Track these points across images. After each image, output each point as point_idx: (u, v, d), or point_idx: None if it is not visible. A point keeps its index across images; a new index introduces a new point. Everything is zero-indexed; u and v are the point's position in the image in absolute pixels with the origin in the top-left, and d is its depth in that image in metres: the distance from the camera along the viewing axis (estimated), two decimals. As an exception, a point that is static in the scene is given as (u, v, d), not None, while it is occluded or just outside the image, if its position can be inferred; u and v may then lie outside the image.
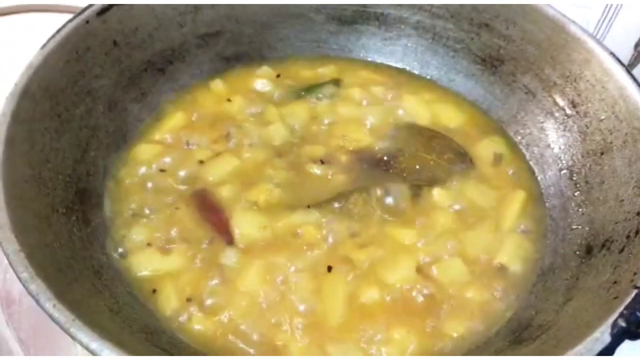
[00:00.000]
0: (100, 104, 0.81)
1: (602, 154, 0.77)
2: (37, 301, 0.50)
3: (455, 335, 0.68)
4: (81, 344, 0.48)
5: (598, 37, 0.99)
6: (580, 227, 0.75)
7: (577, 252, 0.72)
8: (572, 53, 0.84)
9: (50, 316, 0.49)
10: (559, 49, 0.86)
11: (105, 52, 0.82)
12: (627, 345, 0.52)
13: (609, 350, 0.49)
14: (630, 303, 0.52)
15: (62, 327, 0.48)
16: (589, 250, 0.70)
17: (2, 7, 1.02)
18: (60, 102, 0.74)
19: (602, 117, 0.79)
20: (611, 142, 0.76)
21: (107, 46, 0.82)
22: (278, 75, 0.97)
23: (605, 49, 0.81)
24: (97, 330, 0.49)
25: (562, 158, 0.84)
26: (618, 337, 0.50)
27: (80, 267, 0.63)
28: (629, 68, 0.80)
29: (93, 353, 0.47)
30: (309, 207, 0.77)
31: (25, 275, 0.51)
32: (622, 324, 0.50)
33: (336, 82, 0.97)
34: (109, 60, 0.83)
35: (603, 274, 0.64)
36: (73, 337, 0.48)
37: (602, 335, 0.51)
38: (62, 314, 0.49)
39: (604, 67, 0.80)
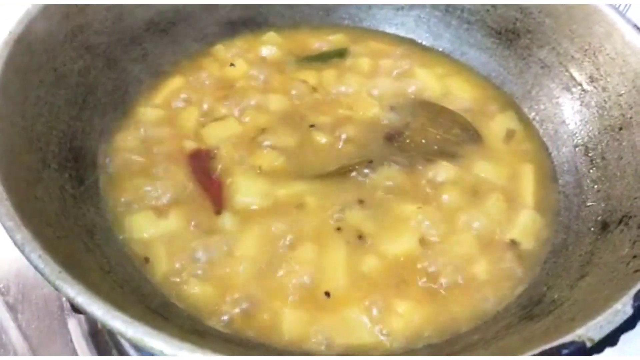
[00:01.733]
0: (99, 62, 0.78)
1: (620, 129, 0.74)
2: (22, 251, 0.47)
3: (461, 308, 0.65)
4: (67, 297, 0.45)
5: (620, 9, 0.95)
6: (595, 203, 0.72)
7: (592, 229, 0.68)
8: (593, 26, 0.80)
9: (36, 267, 0.46)
10: (578, 21, 0.82)
11: (106, 8, 0.79)
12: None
13: (630, 323, 0.46)
14: (653, 276, 0.49)
15: (47, 279, 0.45)
16: (604, 226, 0.67)
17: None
18: (58, 55, 0.71)
19: (622, 92, 0.76)
20: (631, 117, 0.73)
21: (108, 2, 0.79)
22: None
23: (629, 21, 0.77)
24: (85, 284, 0.46)
25: (577, 134, 0.81)
26: None
27: (70, 224, 0.60)
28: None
29: (80, 307, 0.44)
30: (309, 179, 0.74)
31: (11, 224, 0.48)
32: (645, 297, 0.47)
33: (345, 52, 0.94)
34: (110, 16, 0.80)
35: (621, 249, 0.60)
36: (59, 290, 0.45)
37: (624, 306, 0.48)
38: (48, 265, 0.46)
39: (626, 40, 0.76)
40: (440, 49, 0.96)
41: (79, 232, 0.61)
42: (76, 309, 0.69)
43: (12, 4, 0.71)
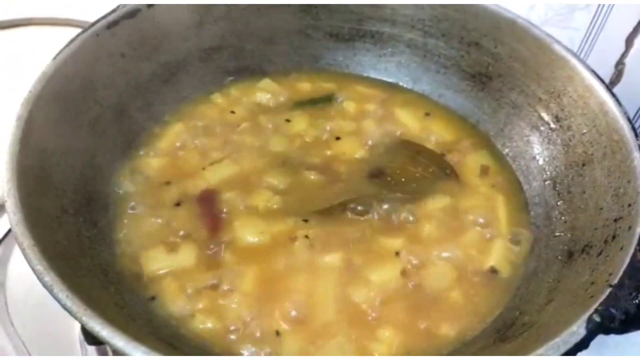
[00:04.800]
0: (108, 112, 0.85)
1: (583, 165, 0.82)
2: (51, 292, 0.53)
3: (442, 333, 0.71)
4: (93, 331, 0.51)
5: (581, 56, 1.04)
6: (562, 233, 0.79)
7: (559, 257, 0.76)
8: (556, 70, 0.89)
9: (64, 306, 0.52)
10: (543, 66, 0.91)
11: (113, 63, 0.87)
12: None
13: (584, 343, 0.53)
14: (604, 300, 0.56)
15: (74, 316, 0.52)
16: (570, 255, 0.74)
17: (15, 19, 1.06)
18: (71, 109, 0.78)
19: (584, 131, 0.84)
20: (592, 154, 0.81)
21: (115, 57, 0.87)
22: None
23: (587, 67, 0.86)
24: (106, 319, 0.52)
25: (546, 169, 0.88)
26: (592, 331, 0.54)
27: (88, 264, 0.66)
28: (610, 86, 0.85)
29: (104, 340, 0.51)
30: (300, 216, 0.81)
31: (40, 268, 0.55)
32: (597, 319, 0.54)
33: (332, 97, 1.02)
34: (116, 70, 0.87)
35: (582, 276, 0.67)
36: (85, 324, 0.51)
37: (578, 329, 0.54)
38: (75, 304, 0.52)
39: (586, 84, 0.85)
40: (420, 91, 1.05)
41: (95, 271, 0.67)
42: (90, 341, 0.76)
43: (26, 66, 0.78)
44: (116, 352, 0.74)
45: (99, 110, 0.84)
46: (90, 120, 0.82)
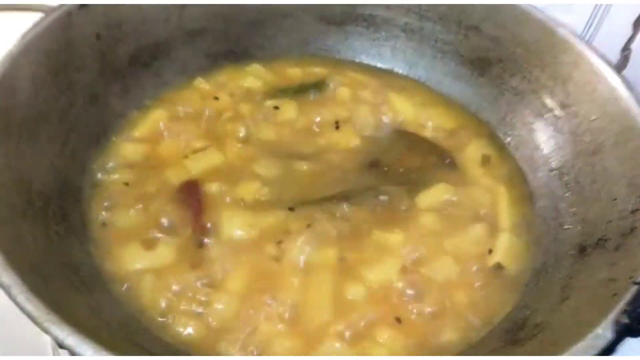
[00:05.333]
0: (81, 98, 0.78)
1: (593, 153, 0.77)
2: (9, 294, 0.47)
3: (445, 335, 0.66)
4: (56, 340, 0.45)
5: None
6: (572, 226, 0.74)
7: (570, 252, 0.70)
8: (561, 55, 0.84)
9: (23, 310, 0.46)
10: (547, 51, 0.86)
11: (88, 45, 0.80)
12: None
13: (611, 347, 0.48)
14: (631, 300, 0.50)
15: (35, 322, 0.45)
16: (582, 249, 0.69)
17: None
18: (40, 93, 0.71)
19: (593, 118, 0.79)
20: (602, 142, 0.76)
21: (90, 39, 0.80)
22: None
23: (595, 50, 0.81)
24: (73, 325, 0.46)
25: (552, 159, 0.83)
26: (621, 334, 0.48)
27: (56, 263, 0.60)
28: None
29: (69, 349, 0.44)
30: (291, 209, 0.75)
31: (-3, 267, 0.48)
32: (625, 320, 0.49)
33: (323, 83, 0.96)
34: (91, 53, 0.80)
35: (599, 272, 0.62)
36: (47, 332, 0.45)
37: (604, 332, 0.49)
38: (36, 308, 0.46)
39: (594, 69, 0.80)
40: (417, 78, 0.99)
41: (65, 270, 0.60)
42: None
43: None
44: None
45: (71, 95, 0.77)
46: (62, 107, 0.75)
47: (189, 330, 0.63)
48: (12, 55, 0.68)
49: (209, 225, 0.73)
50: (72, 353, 0.44)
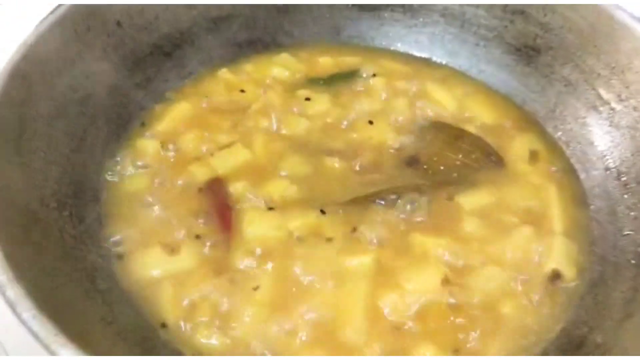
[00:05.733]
0: (101, 89, 0.74)
1: (656, 151, 0.69)
2: (14, 310, 0.42)
3: (490, 352, 0.60)
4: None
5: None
6: (633, 232, 0.67)
7: (633, 261, 0.64)
8: (620, 42, 0.76)
9: (29, 329, 0.41)
10: (603, 37, 0.78)
11: (107, 34, 0.75)
12: None
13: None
14: None
15: (41, 343, 0.41)
16: (647, 259, 0.62)
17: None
18: (56, 85, 0.67)
19: (656, 112, 0.71)
20: (668, 139, 0.68)
21: (109, 27, 0.75)
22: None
23: (660, 36, 0.73)
24: (85, 345, 0.41)
25: (608, 156, 0.76)
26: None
27: (70, 270, 0.55)
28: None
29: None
30: (323, 211, 0.69)
31: (3, 279, 0.44)
32: None
33: (357, 73, 0.89)
34: (111, 42, 0.76)
35: (669, 286, 0.55)
36: (55, 354, 0.40)
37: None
38: (43, 327, 0.41)
39: (658, 58, 0.72)
40: (457, 67, 0.92)
41: (79, 277, 0.56)
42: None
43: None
44: None
45: (89, 87, 0.72)
46: (79, 99, 0.71)
47: (213, 341, 0.58)
48: (26, 45, 0.63)
49: (235, 228, 0.67)
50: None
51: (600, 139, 0.77)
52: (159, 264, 0.63)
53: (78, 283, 0.55)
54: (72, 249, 0.59)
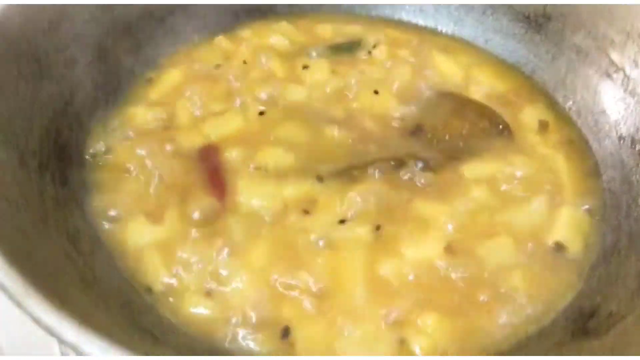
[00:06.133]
0: (88, 53, 0.71)
1: (674, 116, 0.66)
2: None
3: (500, 324, 0.56)
4: (32, 316, 0.37)
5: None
6: (649, 201, 0.63)
7: (649, 230, 0.60)
8: (634, 6, 0.72)
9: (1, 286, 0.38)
10: (618, 1, 0.74)
11: (95, -6, 0.72)
12: None
13: None
14: None
15: (11, 298, 0.37)
16: (664, 226, 0.58)
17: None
18: (40, 44, 0.64)
19: (674, 75, 0.67)
20: (686, 103, 0.64)
21: (97, -13, 0.72)
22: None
23: (677, -4, 0.69)
24: (61, 304, 0.38)
25: (621, 125, 0.72)
26: None
27: (49, 231, 0.52)
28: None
29: (49, 330, 0.36)
30: (319, 178, 0.66)
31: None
32: None
33: (360, 43, 0.86)
34: (99, 3, 0.72)
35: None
36: (25, 310, 0.37)
37: None
38: (13, 281, 0.38)
39: (676, 18, 0.68)
40: (463, 36, 0.88)
41: (59, 239, 0.53)
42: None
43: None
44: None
45: (76, 49, 0.69)
46: (65, 61, 0.68)
47: (200, 310, 0.54)
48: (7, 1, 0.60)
49: (227, 195, 0.64)
50: (51, 332, 0.36)
51: (614, 106, 0.74)
52: (146, 229, 0.59)
53: (57, 244, 0.51)
54: (53, 211, 0.55)
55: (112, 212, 0.61)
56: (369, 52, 0.85)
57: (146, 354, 0.37)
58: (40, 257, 0.46)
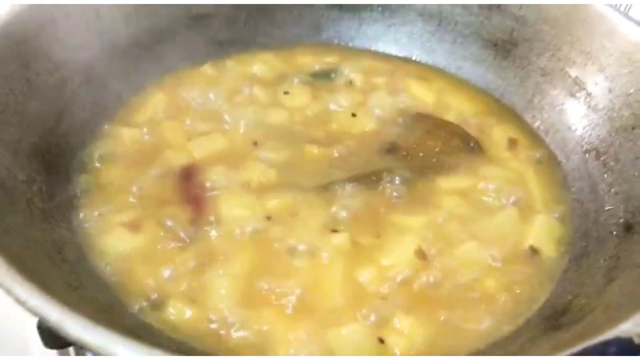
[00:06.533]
0: (77, 77, 0.74)
1: (633, 128, 0.70)
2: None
3: (474, 325, 0.58)
4: (18, 300, 0.38)
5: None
6: (614, 207, 0.66)
7: (614, 232, 0.63)
8: (593, 28, 0.78)
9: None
10: (577, 25, 0.79)
11: (86, 22, 0.75)
12: None
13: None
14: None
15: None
16: (628, 228, 0.61)
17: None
18: (31, 65, 0.67)
19: (631, 91, 0.72)
20: (644, 115, 0.69)
21: (88, 16, 0.76)
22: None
23: (630, 19, 0.74)
24: (45, 289, 0.39)
25: (586, 139, 0.76)
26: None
27: (35, 237, 0.54)
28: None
29: (32, 311, 0.37)
30: (300, 194, 0.68)
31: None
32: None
33: (337, 70, 0.90)
34: (90, 31, 0.76)
35: (651, 247, 0.54)
36: (8, 291, 0.38)
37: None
38: (-1, 266, 0.39)
39: (630, 39, 0.73)
40: (436, 64, 0.93)
41: (45, 246, 0.54)
42: (49, 344, 0.62)
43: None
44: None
45: (66, 73, 0.72)
46: (55, 83, 0.70)
47: (181, 315, 0.55)
48: (1, 22, 0.63)
49: (209, 209, 0.66)
50: (36, 313, 0.37)
51: (579, 122, 0.78)
52: (126, 242, 0.61)
53: (43, 250, 0.53)
54: (40, 221, 0.57)
55: (96, 226, 0.63)
56: (348, 79, 0.89)
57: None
58: (26, 261, 0.47)
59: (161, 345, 0.47)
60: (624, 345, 0.37)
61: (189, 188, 0.68)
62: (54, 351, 0.69)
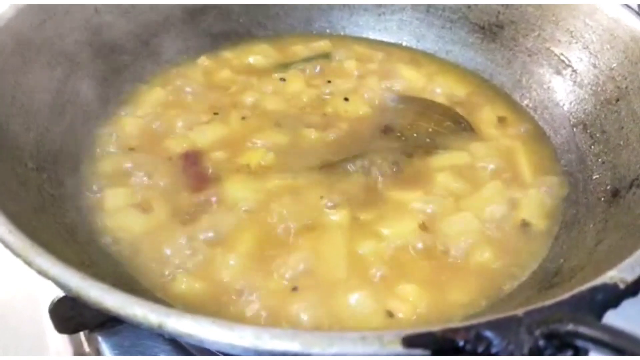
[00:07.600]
0: (79, 70, 0.76)
1: (617, 100, 0.72)
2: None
3: (471, 290, 0.60)
4: (40, 271, 0.40)
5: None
6: (601, 175, 0.69)
7: (602, 199, 0.65)
8: (576, 7, 0.80)
9: (5, 243, 0.42)
10: (561, 5, 0.82)
11: (85, 18, 0.78)
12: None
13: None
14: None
15: (16, 253, 0.41)
16: (615, 193, 0.64)
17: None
18: (34, 60, 0.69)
19: (614, 65, 0.74)
20: (626, 87, 0.72)
21: (87, 12, 0.78)
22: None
23: (611, -3, 0.77)
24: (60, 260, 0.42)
25: (573, 114, 0.79)
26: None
27: (49, 220, 0.56)
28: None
29: (54, 279, 0.40)
30: (300, 172, 0.71)
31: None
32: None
33: (329, 55, 0.93)
34: (89, 26, 0.78)
35: (637, 208, 0.57)
36: (30, 264, 0.40)
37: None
38: (19, 239, 0.42)
39: (611, 16, 0.76)
40: (425, 50, 0.96)
41: (59, 228, 0.56)
42: (60, 328, 0.64)
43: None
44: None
45: (67, 67, 0.74)
46: (58, 77, 0.73)
47: (191, 290, 0.58)
48: (4, 18, 0.66)
49: (213, 191, 0.68)
50: (57, 283, 0.39)
51: (566, 98, 0.80)
52: (135, 220, 0.63)
53: (56, 232, 0.55)
54: (51, 206, 0.59)
55: (106, 210, 0.65)
56: (341, 66, 0.91)
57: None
58: (44, 238, 0.50)
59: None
60: (610, 290, 0.40)
61: (194, 172, 0.71)
62: (70, 350, 0.70)
